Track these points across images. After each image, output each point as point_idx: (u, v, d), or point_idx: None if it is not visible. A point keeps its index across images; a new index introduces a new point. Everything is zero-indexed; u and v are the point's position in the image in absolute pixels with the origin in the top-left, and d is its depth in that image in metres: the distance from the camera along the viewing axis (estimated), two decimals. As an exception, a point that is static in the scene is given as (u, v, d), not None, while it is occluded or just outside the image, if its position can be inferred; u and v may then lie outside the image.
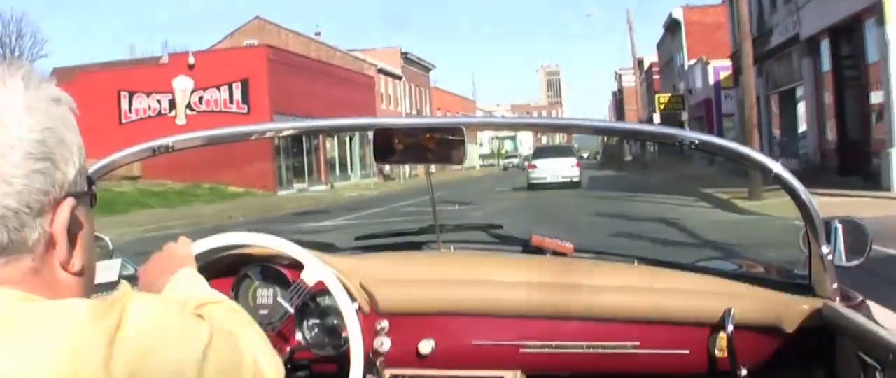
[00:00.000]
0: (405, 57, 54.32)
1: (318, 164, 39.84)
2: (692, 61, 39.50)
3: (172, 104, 34.88)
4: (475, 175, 47.78)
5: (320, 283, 1.76)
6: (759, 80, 29.11)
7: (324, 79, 39.89)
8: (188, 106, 34.92)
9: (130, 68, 35.33)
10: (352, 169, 45.17)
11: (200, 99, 35.31)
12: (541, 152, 30.51)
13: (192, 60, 35.33)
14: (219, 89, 35.47)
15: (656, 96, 45.23)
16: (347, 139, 44.51)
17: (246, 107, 35.04)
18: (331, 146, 39.32)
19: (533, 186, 26.56)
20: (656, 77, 58.57)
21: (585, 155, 68.08)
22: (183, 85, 35.84)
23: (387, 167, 48.44)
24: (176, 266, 1.35)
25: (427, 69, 62.10)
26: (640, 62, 66.86)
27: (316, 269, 1.77)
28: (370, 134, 1.94)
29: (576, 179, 26.62)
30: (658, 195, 18.31)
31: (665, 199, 17.35)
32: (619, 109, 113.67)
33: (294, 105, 36.28)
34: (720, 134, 41.08)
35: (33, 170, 0.80)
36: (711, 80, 39.89)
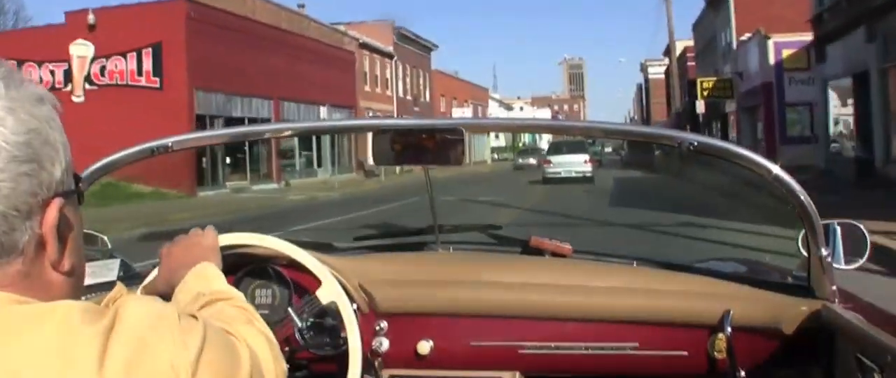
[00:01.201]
0: (399, 33, 44.28)
1: (270, 157, 33.97)
2: (745, 37, 28.92)
3: (68, 76, 29.53)
4: (482, 172, 43.72)
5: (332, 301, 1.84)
6: (869, 47, 21.48)
7: (277, 49, 33.98)
8: (88, 78, 29.61)
9: (20, 31, 31.15)
10: (320, 164, 39.57)
11: (102, 69, 29.16)
12: (556, 149, 33.48)
13: (92, 19, 29.05)
14: (124, 57, 29.10)
15: (699, 80, 39.83)
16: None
17: (158, 80, 28.94)
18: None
19: (548, 181, 29.82)
20: (691, 64, 47.81)
21: (609, 149, 67.37)
22: (81, 52, 29.53)
23: (370, 162, 39.38)
24: (198, 258, 1.43)
25: (427, 49, 52.30)
26: (673, 48, 59.34)
27: (332, 289, 1.89)
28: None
29: (588, 175, 30.07)
30: (728, 223, 11.58)
31: (747, 235, 9.68)
32: (646, 103, 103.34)
33: (225, 80, 30.39)
34: (782, 129, 33.94)
35: (19, 172, 0.84)
36: (772, 60, 33.84)
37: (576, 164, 30.76)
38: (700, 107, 35.42)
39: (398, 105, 50.06)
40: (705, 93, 35.80)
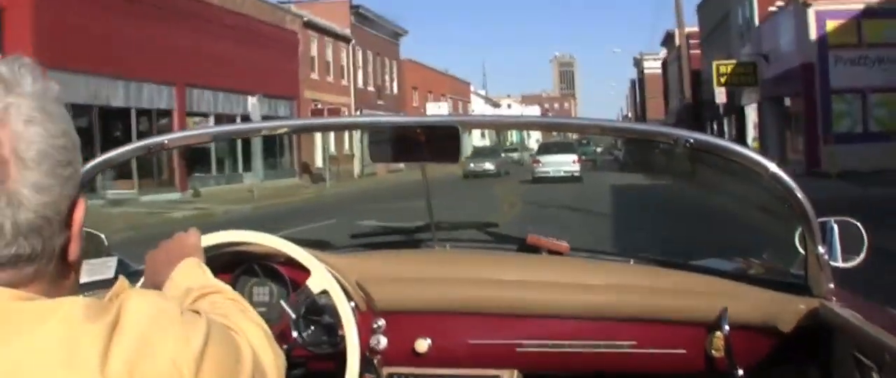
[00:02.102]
0: (357, 12, 36.50)
1: (171, 160, 27.15)
2: (775, 7, 20.56)
3: None
4: (458, 173, 36.75)
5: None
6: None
7: (182, 23, 27.38)
8: (-86, 57, 14.80)
9: None
10: (247, 166, 32.68)
11: (-68, 45, 24.38)
12: (545, 149, 36.75)
13: (-85, -22, 24.39)
14: (-43, 27, 24.31)
15: (715, 65, 33.62)
16: (239, 119, 30.41)
17: (-2, 57, 14.60)
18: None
19: (538, 180, 32.65)
20: (695, 52, 40.26)
21: (599, 149, 64.72)
22: None
23: (319, 163, 37.63)
24: (183, 256, 1.51)
25: (396, 35, 45.31)
26: (671, 37, 59.75)
27: (322, 276, 2.05)
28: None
29: (576, 174, 33.28)
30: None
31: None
32: (640, 99, 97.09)
33: (96, 58, 23.19)
34: (826, 123, 27.38)
35: (63, 176, 0.91)
36: (813, 35, 26.98)
37: (564, 164, 33.77)
38: (720, 95, 29.49)
39: (357, 97, 43.62)
40: (723, 79, 28.73)
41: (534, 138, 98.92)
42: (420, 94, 62.01)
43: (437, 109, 62.64)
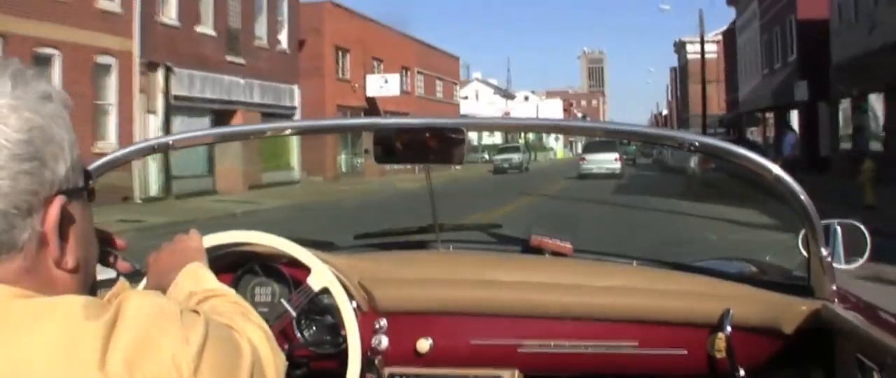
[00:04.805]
0: None
1: None
2: None
3: None
4: (447, 179, 31.81)
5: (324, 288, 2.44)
6: None
7: None
8: None
9: None
10: None
11: None
12: (591, 147, 43.18)
13: None
14: None
15: None
16: None
17: None
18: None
19: (583, 176, 39.67)
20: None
21: (633, 147, 59.43)
22: None
23: None
24: (186, 259, 1.61)
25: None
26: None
27: (322, 274, 2.25)
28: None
29: (617, 171, 40.95)
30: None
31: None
32: (682, 92, 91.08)
33: None
34: None
35: (19, 170, 0.97)
36: None
37: (607, 161, 40.04)
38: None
39: (157, 41, 22.69)
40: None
41: (552, 136, 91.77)
42: (355, 61, 47.30)
43: (383, 86, 43.18)
